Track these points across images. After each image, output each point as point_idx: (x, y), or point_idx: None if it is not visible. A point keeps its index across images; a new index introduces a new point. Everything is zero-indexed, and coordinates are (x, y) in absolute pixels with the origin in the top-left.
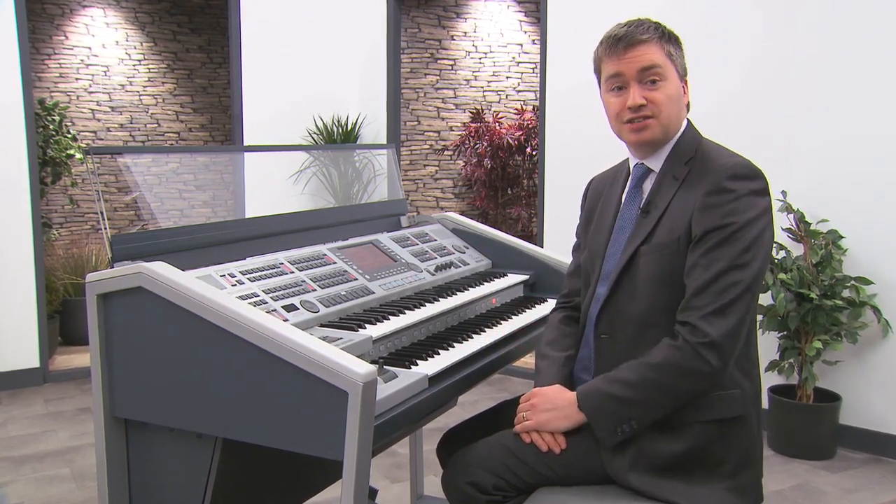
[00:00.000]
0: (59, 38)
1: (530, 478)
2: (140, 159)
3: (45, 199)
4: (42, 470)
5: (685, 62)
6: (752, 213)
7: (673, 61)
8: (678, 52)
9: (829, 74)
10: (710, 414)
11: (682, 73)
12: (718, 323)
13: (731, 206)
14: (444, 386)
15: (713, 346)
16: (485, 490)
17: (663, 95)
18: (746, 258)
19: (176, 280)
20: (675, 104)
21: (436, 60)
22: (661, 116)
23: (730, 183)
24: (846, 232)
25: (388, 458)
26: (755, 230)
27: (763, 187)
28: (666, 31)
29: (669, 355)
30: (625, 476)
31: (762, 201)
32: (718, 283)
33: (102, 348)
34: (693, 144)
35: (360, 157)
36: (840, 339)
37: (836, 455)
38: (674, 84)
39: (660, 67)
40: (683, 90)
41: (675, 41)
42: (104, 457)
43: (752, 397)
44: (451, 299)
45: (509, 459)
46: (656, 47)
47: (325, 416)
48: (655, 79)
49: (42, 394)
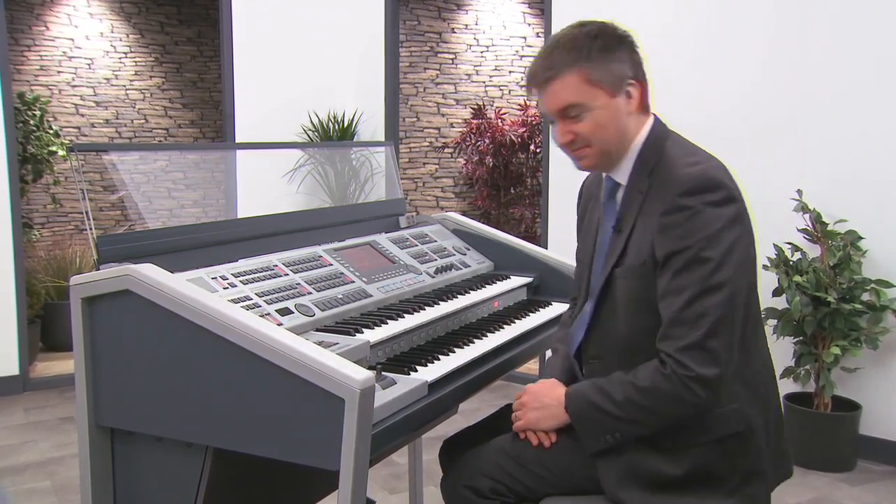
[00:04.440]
0: (40, 29)
1: (529, 482)
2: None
3: (26, 198)
4: (21, 483)
5: (626, 66)
6: (712, 227)
7: (597, 84)
8: (607, 63)
9: (845, 70)
10: (708, 435)
11: (619, 83)
12: (700, 356)
13: (688, 225)
14: (444, 393)
15: (699, 380)
16: (482, 494)
17: (589, 127)
18: (718, 279)
19: (165, 283)
20: (609, 128)
21: (436, 54)
22: (594, 144)
23: (683, 200)
24: (865, 232)
25: (387, 467)
26: (721, 246)
27: (724, 197)
28: (585, 48)
29: (657, 381)
30: (614, 491)
31: (725, 211)
32: (691, 312)
33: (87, 354)
34: (656, 151)
35: (357, 154)
36: (859, 344)
37: (857, 467)
38: (602, 110)
39: (577, 105)
40: (629, 96)
41: (600, 52)
42: (88, 468)
43: (756, 407)
44: (451, 303)
45: (508, 464)
46: (571, 78)
47: (320, 425)
48: (577, 113)
49: (22, 402)
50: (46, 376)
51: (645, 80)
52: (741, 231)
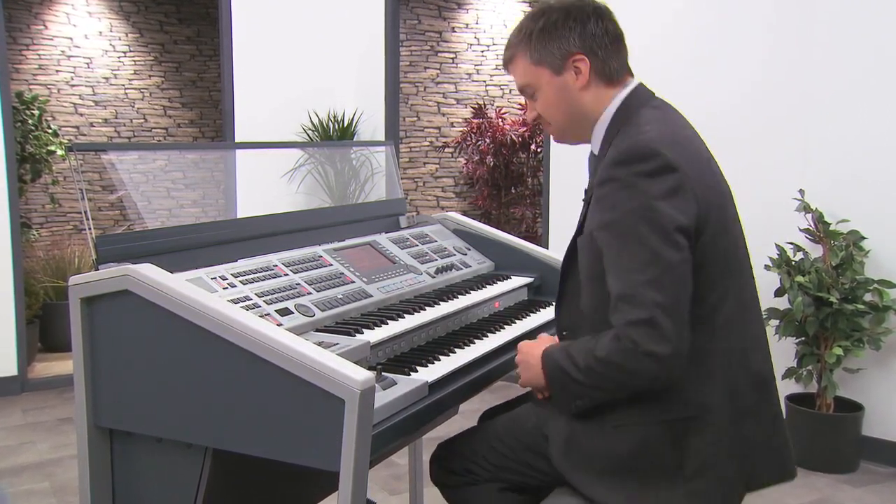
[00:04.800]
0: (38, 28)
1: (493, 458)
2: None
3: (25, 197)
4: (19, 484)
5: (569, 43)
6: (643, 200)
7: (539, 64)
8: (545, 43)
9: (846, 69)
10: (653, 415)
11: (561, 61)
12: (648, 333)
13: (614, 197)
14: (444, 393)
15: (651, 355)
16: (456, 472)
17: (541, 106)
18: (653, 255)
19: (164, 283)
20: (560, 106)
21: (436, 53)
22: (552, 123)
23: (613, 170)
24: (868, 232)
25: (387, 468)
26: (656, 220)
27: (657, 166)
28: (526, 29)
29: (612, 352)
30: (571, 475)
31: (659, 182)
32: (632, 288)
33: (86, 354)
34: (624, 119)
35: (357, 154)
36: (862, 345)
37: (859, 468)
38: (548, 88)
39: (529, 85)
40: (577, 72)
41: (540, 33)
42: (87, 469)
43: (714, 393)
44: (452, 303)
45: (479, 443)
46: (521, 60)
47: (320, 425)
48: (531, 93)
49: (20, 403)
50: (45, 377)
51: (599, 51)
52: (683, 202)
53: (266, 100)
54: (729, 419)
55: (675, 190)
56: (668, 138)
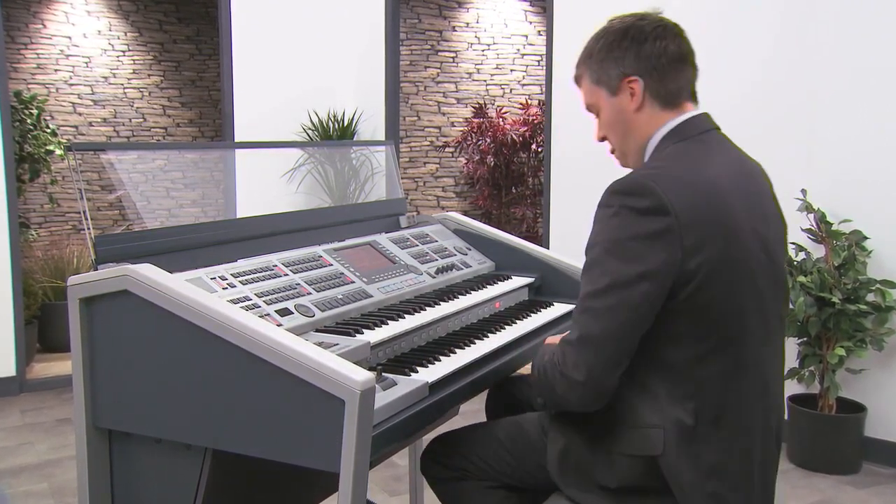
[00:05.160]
0: (37, 27)
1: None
2: (125, 156)
3: (23, 197)
4: (18, 486)
5: (623, 64)
6: (622, 233)
7: (598, 84)
8: (603, 63)
9: (850, 68)
10: (629, 448)
11: (615, 81)
12: (572, 356)
13: (603, 222)
14: (445, 394)
15: (567, 378)
16: (449, 467)
17: (603, 126)
18: (605, 288)
19: (163, 283)
20: (615, 127)
21: (436, 52)
22: (612, 143)
23: (608, 197)
24: (871, 232)
25: (387, 469)
26: (622, 257)
27: (648, 206)
28: (588, 49)
29: (547, 363)
30: (565, 487)
31: (645, 222)
32: (578, 311)
33: (85, 355)
34: (662, 148)
35: (357, 154)
36: (864, 346)
37: (862, 470)
38: (607, 109)
39: (593, 105)
40: (632, 93)
41: (599, 53)
42: (86, 470)
43: (685, 433)
44: (452, 303)
45: (481, 446)
46: (585, 80)
47: (320, 426)
48: (595, 112)
49: (18, 404)
50: (43, 377)
51: (655, 72)
52: (664, 247)
53: (266, 99)
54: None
55: (658, 234)
56: (674, 179)
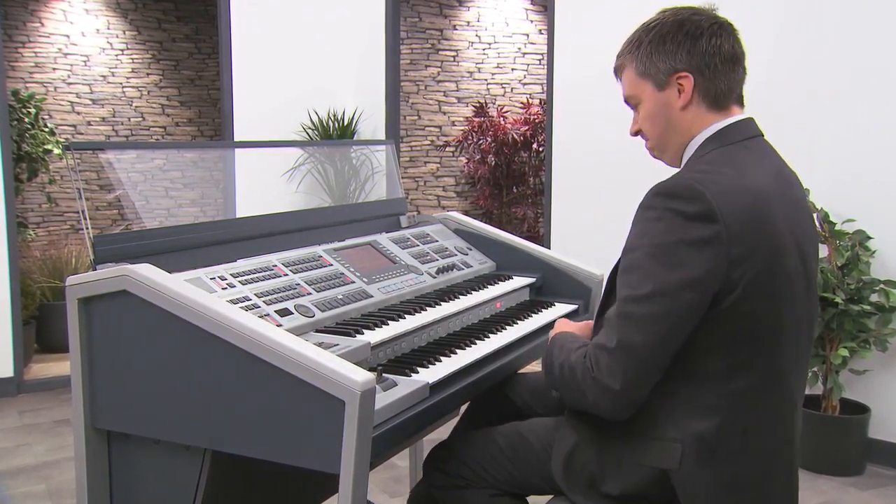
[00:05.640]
0: (34, 25)
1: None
2: (123, 155)
3: (21, 197)
4: (15, 487)
5: (676, 59)
6: (667, 237)
7: (644, 77)
8: (653, 56)
9: (853, 65)
10: (645, 459)
11: (664, 76)
12: (607, 362)
13: (646, 225)
14: (446, 395)
15: (599, 384)
16: (450, 474)
17: (643, 119)
18: (644, 291)
19: (163, 283)
20: (657, 122)
21: (437, 51)
22: (650, 138)
23: (651, 199)
24: (874, 232)
25: (387, 471)
26: (666, 261)
27: (697, 211)
28: (636, 41)
29: (576, 364)
30: (569, 492)
31: (692, 227)
32: (617, 315)
33: (84, 355)
34: (708, 149)
35: (358, 153)
36: (868, 346)
37: (866, 471)
38: (650, 103)
39: (633, 97)
40: (680, 90)
41: (649, 45)
42: (84, 471)
43: (706, 448)
44: (453, 303)
45: (484, 454)
46: (628, 70)
47: (320, 427)
48: (634, 105)
49: (16, 405)
50: (41, 378)
51: (707, 70)
52: (711, 256)
53: (265, 98)
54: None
55: (707, 241)
56: (722, 185)
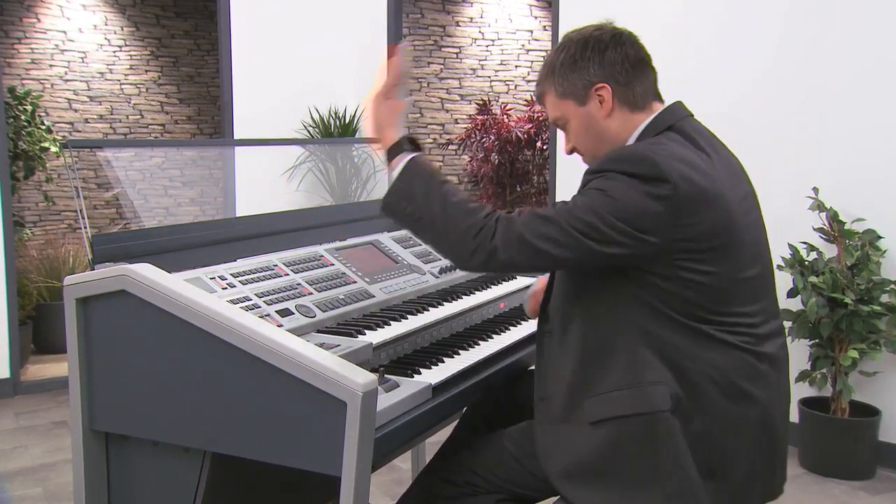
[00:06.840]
0: (31, 21)
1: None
2: (122, 153)
3: (17, 195)
4: (12, 490)
5: (590, 73)
6: (617, 190)
7: (565, 97)
8: (568, 76)
9: (862, 60)
10: (626, 408)
11: (583, 91)
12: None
13: (596, 182)
14: (448, 396)
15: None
16: (457, 483)
17: (573, 136)
18: (584, 217)
19: (162, 283)
20: (587, 135)
21: (440, 48)
22: (585, 152)
23: (602, 164)
24: (884, 232)
25: (389, 473)
26: (604, 201)
27: (644, 172)
28: (550, 64)
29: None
30: (557, 483)
31: (630, 184)
32: (549, 213)
33: (82, 356)
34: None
35: (359, 151)
36: (878, 347)
37: (876, 475)
38: (576, 119)
39: (560, 118)
40: (601, 100)
41: (562, 66)
42: (82, 474)
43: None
44: (456, 304)
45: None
46: (550, 95)
47: (321, 429)
48: (563, 125)
49: (12, 406)
50: (38, 379)
51: (620, 77)
52: (664, 210)
53: (265, 95)
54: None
55: (660, 198)
56: (666, 153)
